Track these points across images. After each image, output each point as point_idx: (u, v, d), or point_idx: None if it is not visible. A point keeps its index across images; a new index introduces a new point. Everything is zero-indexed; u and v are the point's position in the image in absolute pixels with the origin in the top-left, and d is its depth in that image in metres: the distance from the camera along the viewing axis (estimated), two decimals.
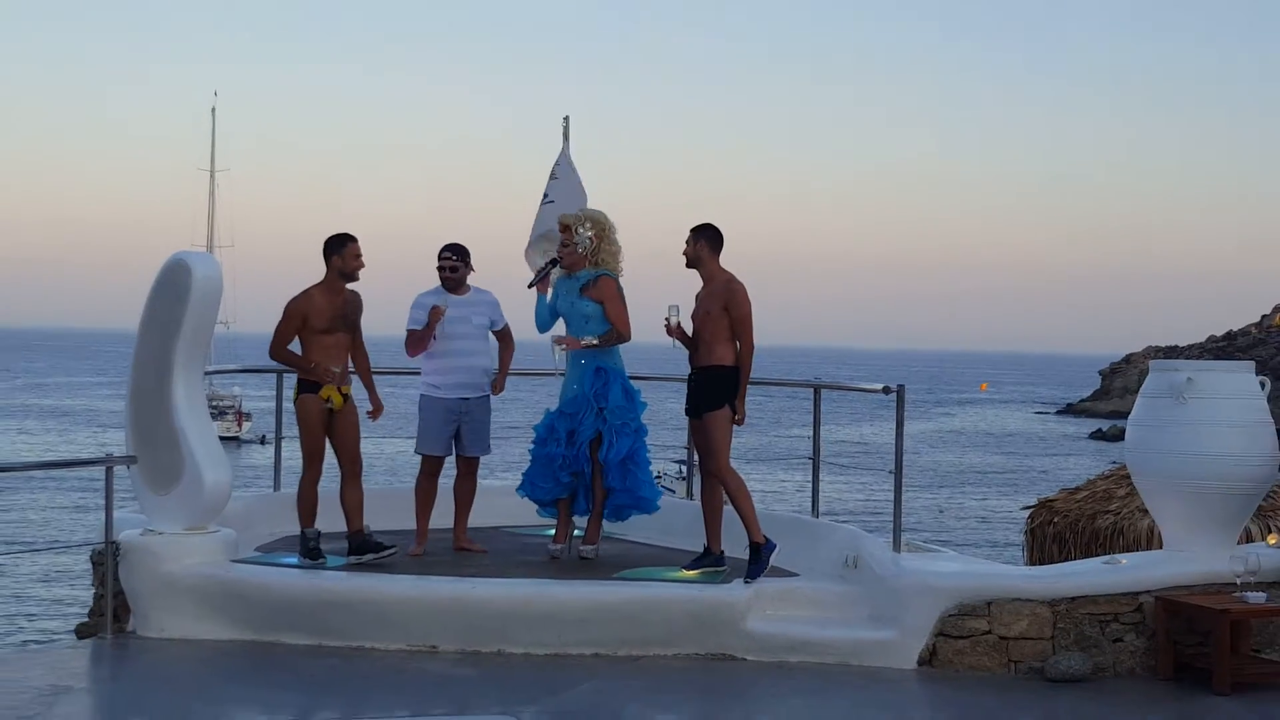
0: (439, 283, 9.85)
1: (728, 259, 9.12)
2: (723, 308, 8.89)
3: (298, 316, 9.12)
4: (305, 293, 9.19)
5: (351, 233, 9.29)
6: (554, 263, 9.64)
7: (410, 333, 9.69)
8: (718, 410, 8.87)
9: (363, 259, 9.26)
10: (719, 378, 8.91)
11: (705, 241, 9.03)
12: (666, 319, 9.05)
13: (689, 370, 9.14)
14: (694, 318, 9.03)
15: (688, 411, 9.23)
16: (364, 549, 9.18)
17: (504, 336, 10.09)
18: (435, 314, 9.59)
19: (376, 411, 9.60)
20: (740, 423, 8.93)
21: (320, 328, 9.11)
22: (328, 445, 9.22)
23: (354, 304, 9.29)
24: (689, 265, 9.09)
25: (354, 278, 9.27)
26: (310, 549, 9.09)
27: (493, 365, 10.02)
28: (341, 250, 9.20)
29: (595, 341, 9.35)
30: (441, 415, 9.77)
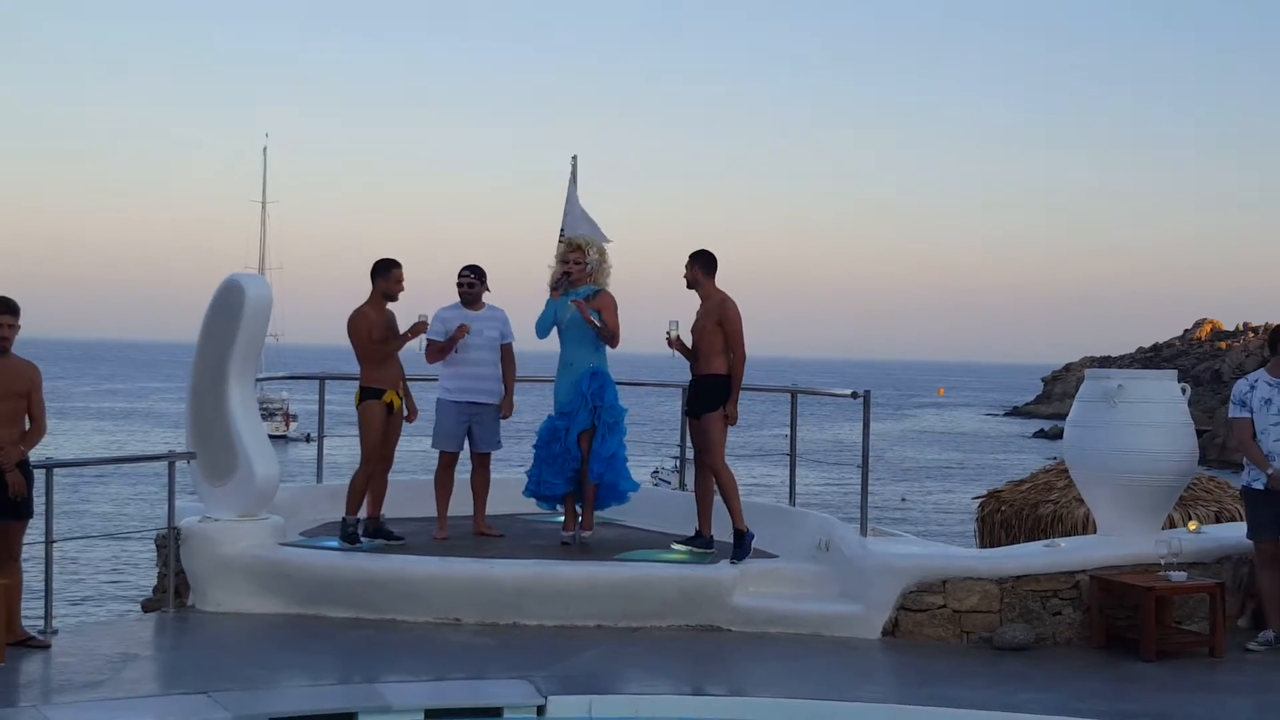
0: (458, 299, 9.84)
1: (725, 280, 9.13)
2: (717, 323, 8.92)
3: (363, 331, 9.16)
4: (360, 311, 9.23)
5: (397, 259, 9.32)
6: (567, 275, 9.57)
7: (430, 342, 9.62)
8: (714, 413, 8.90)
9: (403, 284, 9.30)
10: (715, 385, 8.93)
11: (700, 266, 9.07)
12: (668, 333, 9.07)
13: (689, 377, 9.18)
14: (693, 332, 9.07)
15: (689, 413, 9.25)
16: (379, 534, 9.26)
17: (508, 353, 9.88)
18: (461, 331, 9.59)
19: (412, 415, 9.63)
20: (732, 423, 8.96)
21: (377, 339, 9.16)
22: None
23: (393, 318, 9.36)
24: (689, 286, 9.11)
25: (394, 299, 9.31)
26: (349, 534, 9.10)
27: (499, 373, 9.86)
28: (388, 275, 9.28)
29: (598, 324, 9.28)
30: (454, 416, 9.74)
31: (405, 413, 9.53)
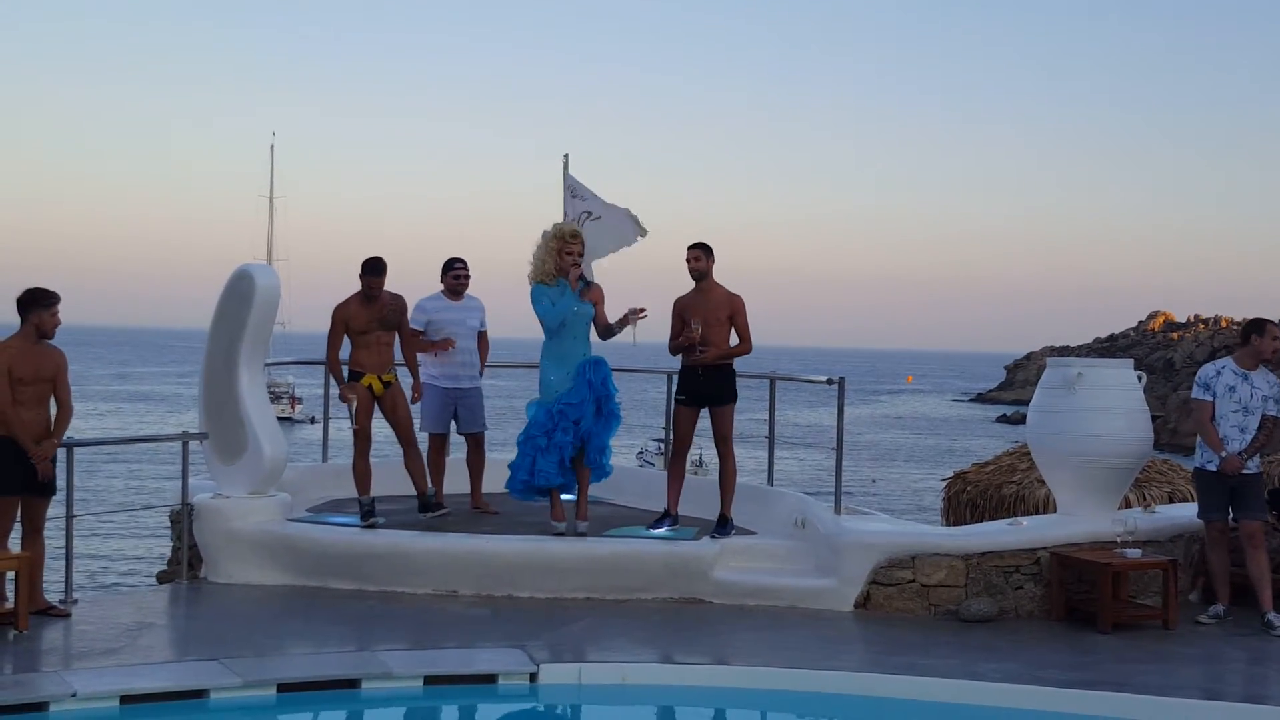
0: (441, 289, 9.74)
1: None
2: (729, 317, 8.82)
3: (341, 321, 9.08)
4: (345, 301, 9.09)
5: (372, 261, 8.99)
6: (584, 277, 9.23)
7: (414, 332, 9.48)
8: (730, 404, 8.85)
9: (374, 288, 9.00)
10: (726, 376, 8.83)
11: (712, 259, 8.89)
12: (695, 328, 8.71)
13: (689, 367, 8.86)
14: (694, 322, 8.76)
15: (689, 401, 8.93)
16: (426, 508, 9.15)
17: (483, 339, 9.93)
18: (447, 344, 9.54)
19: (417, 392, 9.46)
20: (689, 342, 8.69)
21: (359, 329, 9.06)
22: (383, 424, 9.15)
23: (394, 308, 9.17)
24: (697, 277, 8.84)
25: (371, 297, 9.04)
26: (364, 512, 8.99)
27: (478, 358, 9.91)
28: (362, 276, 9.07)
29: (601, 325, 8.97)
30: (440, 400, 9.69)
31: (412, 395, 9.41)
